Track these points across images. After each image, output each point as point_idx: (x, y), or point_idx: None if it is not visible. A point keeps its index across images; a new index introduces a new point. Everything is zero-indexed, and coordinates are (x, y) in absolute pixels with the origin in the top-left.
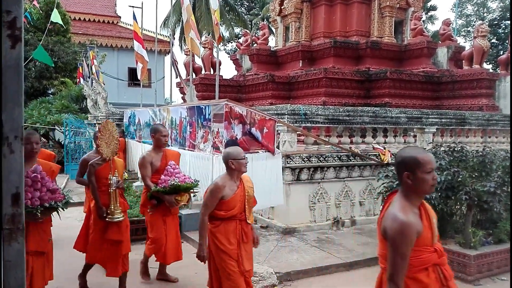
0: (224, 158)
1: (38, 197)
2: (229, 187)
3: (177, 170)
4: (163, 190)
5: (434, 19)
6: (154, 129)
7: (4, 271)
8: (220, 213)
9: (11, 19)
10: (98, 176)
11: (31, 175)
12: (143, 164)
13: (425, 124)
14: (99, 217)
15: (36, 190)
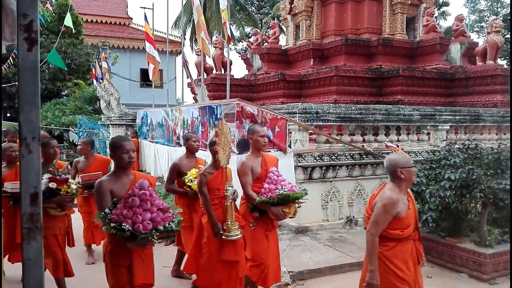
0: (392, 166)
1: (150, 219)
2: (402, 201)
3: (281, 178)
4: (270, 201)
5: (447, 15)
6: (252, 130)
7: (23, 270)
8: (395, 232)
9: (27, 22)
10: (209, 187)
11: (138, 192)
12: (244, 171)
13: (438, 121)
14: (215, 234)
15: (145, 210)
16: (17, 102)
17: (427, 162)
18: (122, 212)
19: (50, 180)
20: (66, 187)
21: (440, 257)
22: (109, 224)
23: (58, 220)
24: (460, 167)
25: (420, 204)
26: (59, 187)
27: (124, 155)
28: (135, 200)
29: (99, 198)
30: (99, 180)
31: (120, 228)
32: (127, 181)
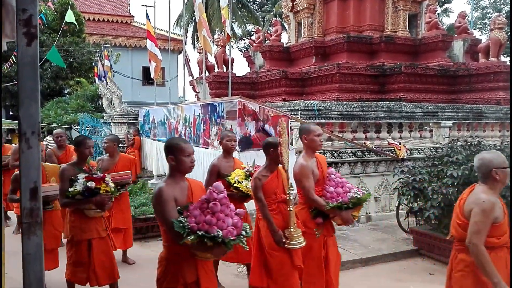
0: (485, 166)
1: (233, 224)
2: (498, 206)
3: (343, 179)
4: (344, 205)
5: (449, 12)
6: (306, 129)
7: (23, 264)
8: (491, 240)
9: (26, 17)
10: (265, 191)
11: (217, 196)
12: (305, 174)
13: (441, 118)
14: (277, 243)
15: (227, 215)
16: (17, 98)
17: (430, 159)
18: (203, 219)
19: (88, 179)
20: (105, 186)
21: (443, 254)
22: (190, 233)
23: (96, 222)
24: (462, 164)
25: (423, 201)
26: (98, 186)
27: (186, 159)
28: (216, 205)
29: (163, 207)
30: (160, 187)
31: (209, 236)
32: (184, 186)
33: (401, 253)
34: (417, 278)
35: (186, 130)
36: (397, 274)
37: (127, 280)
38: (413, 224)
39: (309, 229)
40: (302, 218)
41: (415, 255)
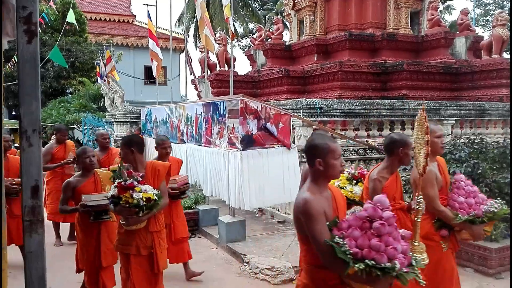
0: None
1: (402, 251)
2: None
3: (475, 188)
4: (477, 219)
5: (452, 9)
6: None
7: (25, 262)
8: None
9: (26, 15)
10: None
11: (384, 214)
12: (430, 181)
13: (443, 115)
14: None
15: (395, 239)
16: (18, 95)
17: None
18: (367, 243)
19: (117, 185)
20: (128, 196)
21: None
22: (356, 260)
23: (138, 236)
24: (465, 161)
25: None
26: (120, 195)
27: (337, 162)
28: (384, 227)
29: (313, 225)
30: (306, 199)
31: (380, 267)
32: (328, 196)
33: None
34: None
35: (188, 129)
36: None
37: None
38: None
39: (433, 241)
40: (425, 230)
41: None
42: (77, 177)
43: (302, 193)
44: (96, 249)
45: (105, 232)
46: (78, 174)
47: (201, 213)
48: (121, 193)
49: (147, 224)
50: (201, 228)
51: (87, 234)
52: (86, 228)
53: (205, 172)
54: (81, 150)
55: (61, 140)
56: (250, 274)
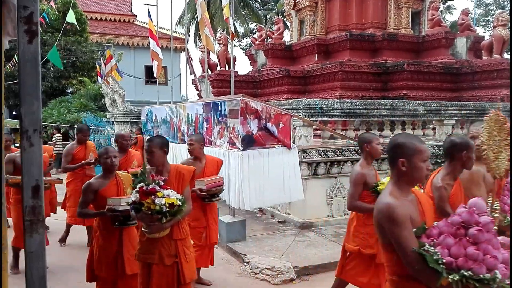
0: None
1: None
2: None
3: None
4: None
5: (452, 9)
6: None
7: (26, 262)
8: None
9: (27, 14)
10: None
11: (481, 220)
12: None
13: (444, 116)
14: None
15: (495, 248)
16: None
17: (433, 157)
18: (462, 251)
19: (139, 190)
20: (150, 202)
21: None
22: (450, 271)
23: (161, 244)
24: None
25: None
26: (142, 201)
27: (423, 165)
28: (482, 233)
29: (399, 232)
30: (390, 204)
31: (478, 279)
32: (413, 200)
33: None
34: None
35: (188, 129)
36: None
37: None
38: None
39: None
40: None
41: None
42: (98, 179)
43: (384, 198)
44: (117, 255)
45: (127, 237)
46: (98, 176)
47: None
48: (143, 198)
49: (170, 231)
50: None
51: (108, 239)
52: (108, 233)
53: None
54: (103, 150)
55: (82, 141)
56: (251, 274)
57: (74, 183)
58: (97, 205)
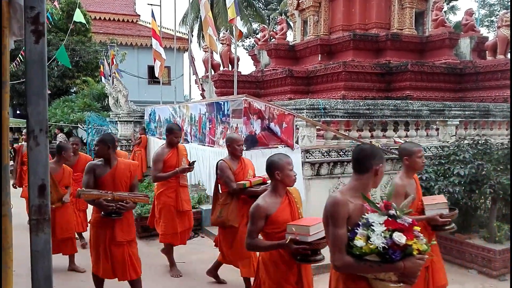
0: None
1: None
2: None
3: None
4: None
5: (456, 10)
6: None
7: (32, 261)
8: None
9: (34, 15)
10: None
11: None
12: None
13: (447, 116)
14: None
15: None
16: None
17: (436, 157)
18: None
19: (392, 226)
20: (415, 242)
21: (449, 253)
22: None
23: None
24: (469, 163)
25: None
26: (409, 243)
27: None
28: None
29: None
30: None
31: None
32: None
33: None
34: None
35: (191, 129)
36: None
37: None
38: None
39: None
40: None
41: None
42: (267, 199)
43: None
44: None
45: (305, 274)
46: (266, 195)
47: (204, 213)
48: (409, 237)
49: None
50: (205, 228)
51: (285, 273)
52: (287, 265)
53: (208, 171)
54: (281, 161)
55: (174, 143)
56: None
57: (166, 195)
58: (271, 231)
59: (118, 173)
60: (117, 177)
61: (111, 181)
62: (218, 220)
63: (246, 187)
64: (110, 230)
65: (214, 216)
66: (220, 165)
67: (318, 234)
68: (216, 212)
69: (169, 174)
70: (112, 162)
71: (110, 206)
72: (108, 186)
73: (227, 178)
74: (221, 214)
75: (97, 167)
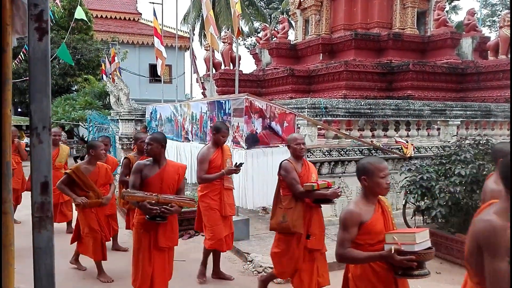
0: None
1: None
2: None
3: None
4: None
5: (458, 9)
6: None
7: (34, 258)
8: None
9: (38, 12)
10: None
11: None
12: None
13: (449, 116)
14: None
15: None
16: (28, 92)
17: (437, 157)
18: None
19: None
20: None
21: (450, 253)
22: None
23: None
24: (470, 163)
25: (430, 199)
26: None
27: None
28: None
29: None
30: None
31: None
32: None
33: None
34: None
35: (193, 127)
36: None
37: None
38: (420, 222)
39: None
40: None
41: None
42: (360, 204)
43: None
44: None
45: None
46: (358, 200)
47: None
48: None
49: None
50: None
51: None
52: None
53: None
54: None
55: (220, 143)
56: (253, 273)
57: (210, 198)
58: (356, 244)
59: (167, 175)
60: (165, 179)
61: (158, 183)
62: (282, 225)
63: (314, 189)
64: (153, 234)
65: (275, 220)
66: (284, 165)
67: (424, 243)
68: (279, 216)
69: (216, 176)
70: (161, 163)
71: (154, 210)
72: (154, 187)
73: (293, 179)
74: (285, 219)
75: (145, 167)
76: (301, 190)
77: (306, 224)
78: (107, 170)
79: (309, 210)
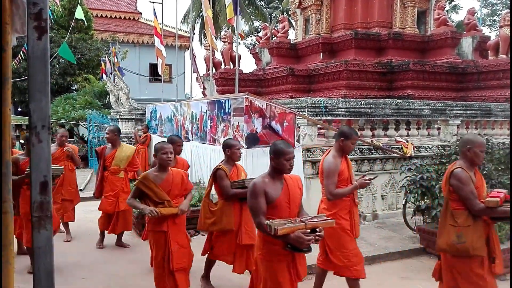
0: None
1: None
2: None
3: None
4: None
5: (458, 9)
6: None
7: (34, 257)
8: None
9: (37, 11)
10: None
11: None
12: None
13: (449, 116)
14: None
15: None
16: (27, 91)
17: (437, 157)
18: None
19: None
20: None
21: None
22: None
23: None
24: None
25: (430, 199)
26: None
27: None
28: None
29: None
30: None
31: None
32: None
33: (407, 251)
34: (424, 276)
35: (193, 127)
36: (404, 273)
37: None
38: (420, 222)
39: None
40: None
41: (422, 253)
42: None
43: None
44: None
45: None
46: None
47: None
48: None
49: None
50: None
51: None
52: None
53: (209, 170)
54: None
55: (348, 151)
56: None
57: (341, 217)
58: None
59: (293, 192)
60: (292, 198)
61: (286, 204)
62: (458, 246)
63: (498, 206)
64: (293, 266)
65: (446, 240)
66: (458, 174)
67: None
68: (451, 236)
69: (349, 190)
70: (283, 177)
71: (311, 239)
72: (283, 211)
73: (471, 193)
74: (461, 239)
75: (266, 185)
76: (481, 207)
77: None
78: (183, 177)
79: (487, 228)
